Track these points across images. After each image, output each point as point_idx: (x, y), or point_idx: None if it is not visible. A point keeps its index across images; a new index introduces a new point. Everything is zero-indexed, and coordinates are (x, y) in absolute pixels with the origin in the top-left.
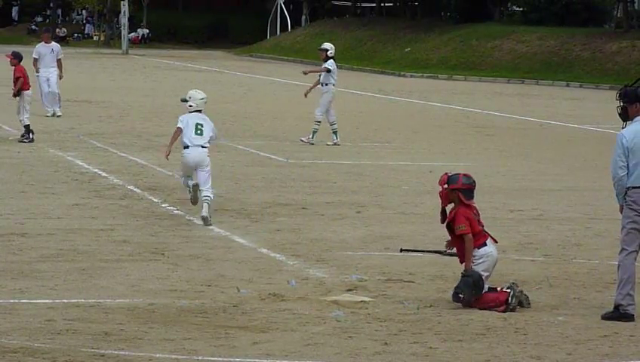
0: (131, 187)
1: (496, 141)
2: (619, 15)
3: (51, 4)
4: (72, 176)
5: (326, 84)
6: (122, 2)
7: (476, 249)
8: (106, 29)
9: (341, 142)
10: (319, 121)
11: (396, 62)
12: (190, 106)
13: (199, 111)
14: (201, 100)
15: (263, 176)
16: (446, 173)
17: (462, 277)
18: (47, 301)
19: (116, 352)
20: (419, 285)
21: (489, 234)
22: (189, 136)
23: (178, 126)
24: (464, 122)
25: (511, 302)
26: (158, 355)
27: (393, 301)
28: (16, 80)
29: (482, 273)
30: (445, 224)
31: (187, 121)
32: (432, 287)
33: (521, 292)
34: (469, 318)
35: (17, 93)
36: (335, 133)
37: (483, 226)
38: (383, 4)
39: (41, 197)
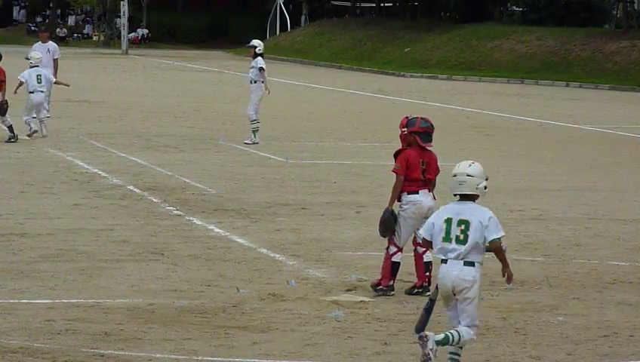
0: (131, 187)
1: (496, 141)
2: (618, 15)
3: (51, 5)
4: (72, 176)
5: (256, 82)
6: (122, 2)
7: (406, 193)
8: (105, 29)
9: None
10: (255, 120)
11: (396, 62)
12: (31, 63)
13: (37, 66)
14: (38, 59)
15: (263, 176)
16: (406, 117)
17: None
18: (46, 301)
19: (116, 352)
20: None
21: (430, 189)
22: (33, 85)
23: (21, 80)
24: (464, 122)
25: (386, 290)
26: (157, 355)
27: (393, 301)
28: None
29: (407, 219)
30: (393, 155)
31: (29, 74)
32: (431, 287)
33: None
34: None
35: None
36: (255, 131)
37: (432, 175)
38: (382, 4)
39: (41, 198)
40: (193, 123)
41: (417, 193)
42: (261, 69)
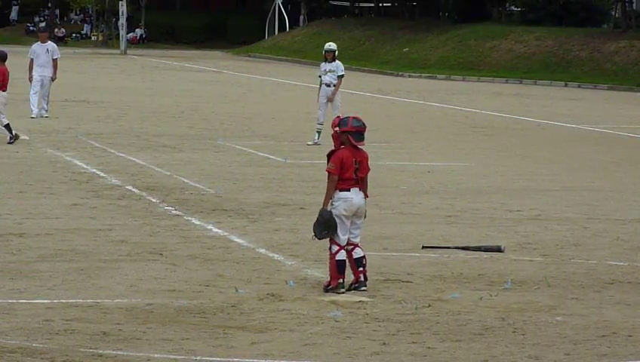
0: (129, 187)
1: (495, 141)
2: (617, 15)
3: (49, 4)
4: (71, 176)
5: (329, 85)
6: (120, 2)
7: (338, 191)
8: (104, 29)
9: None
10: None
11: (394, 62)
12: None
13: None
14: None
15: (262, 176)
16: (338, 116)
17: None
18: (45, 301)
19: (114, 352)
20: (417, 285)
21: (362, 187)
22: None
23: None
24: (462, 122)
25: (336, 288)
26: (156, 355)
27: (391, 301)
28: None
29: (339, 215)
30: (326, 155)
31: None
32: (430, 287)
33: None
34: (468, 318)
35: None
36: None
37: (363, 173)
38: (381, 4)
39: (40, 198)
40: (192, 123)
41: (349, 190)
42: (342, 76)
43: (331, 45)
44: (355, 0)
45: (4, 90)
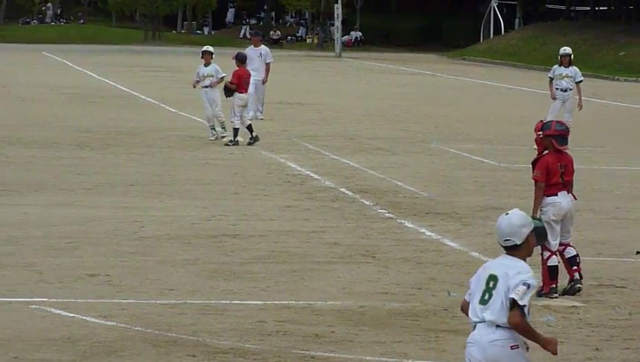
0: (343, 189)
1: None
2: None
3: (265, 7)
4: (285, 178)
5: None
6: (335, 5)
7: (545, 196)
8: (319, 31)
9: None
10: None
11: (610, 66)
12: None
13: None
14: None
15: (475, 180)
16: (541, 121)
17: None
18: (258, 302)
19: (326, 354)
20: (631, 291)
21: (569, 190)
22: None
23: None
24: None
25: (549, 293)
26: (368, 358)
27: (605, 306)
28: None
29: (548, 221)
30: (531, 163)
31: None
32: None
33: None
34: None
35: (228, 94)
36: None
37: (569, 176)
38: (597, 8)
39: (254, 199)
40: (406, 126)
41: (556, 195)
42: (581, 82)
43: (567, 50)
44: (571, 3)
45: (242, 92)
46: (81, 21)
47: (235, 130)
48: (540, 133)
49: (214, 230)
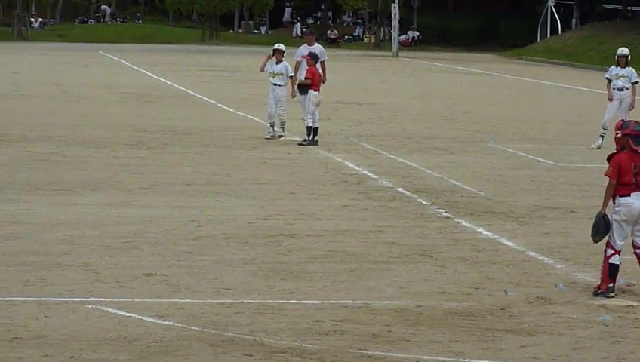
0: (400, 189)
1: None
2: None
3: (322, 6)
4: (342, 178)
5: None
6: (392, 4)
7: (618, 196)
8: (376, 31)
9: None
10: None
11: None
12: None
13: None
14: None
15: (532, 179)
16: (622, 120)
17: None
18: (315, 301)
19: (384, 354)
20: None
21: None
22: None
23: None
24: None
25: (605, 293)
26: (425, 357)
27: None
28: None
29: (619, 221)
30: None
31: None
32: None
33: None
34: None
35: (303, 91)
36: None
37: None
38: None
39: (311, 199)
40: (463, 125)
41: (629, 195)
42: (637, 83)
43: (624, 50)
44: (628, 3)
45: (317, 90)
46: (139, 20)
47: (308, 129)
48: (619, 132)
49: (271, 229)
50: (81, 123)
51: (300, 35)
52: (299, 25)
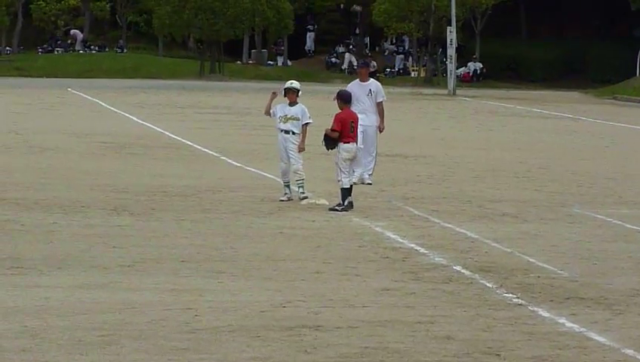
0: (458, 267)
1: None
2: None
3: (357, 30)
4: (382, 253)
5: None
6: (448, 28)
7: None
8: (426, 62)
9: None
10: None
11: None
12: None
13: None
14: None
15: (630, 255)
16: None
17: None
18: None
19: None
20: None
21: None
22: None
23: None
24: None
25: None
26: None
27: None
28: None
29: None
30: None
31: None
32: None
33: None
34: None
35: (330, 145)
36: None
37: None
38: None
39: (342, 280)
40: (540, 185)
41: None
42: None
43: None
44: None
45: (349, 141)
46: (120, 49)
47: (344, 191)
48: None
49: (290, 320)
50: (46, 181)
51: (349, 67)
52: (353, 57)
